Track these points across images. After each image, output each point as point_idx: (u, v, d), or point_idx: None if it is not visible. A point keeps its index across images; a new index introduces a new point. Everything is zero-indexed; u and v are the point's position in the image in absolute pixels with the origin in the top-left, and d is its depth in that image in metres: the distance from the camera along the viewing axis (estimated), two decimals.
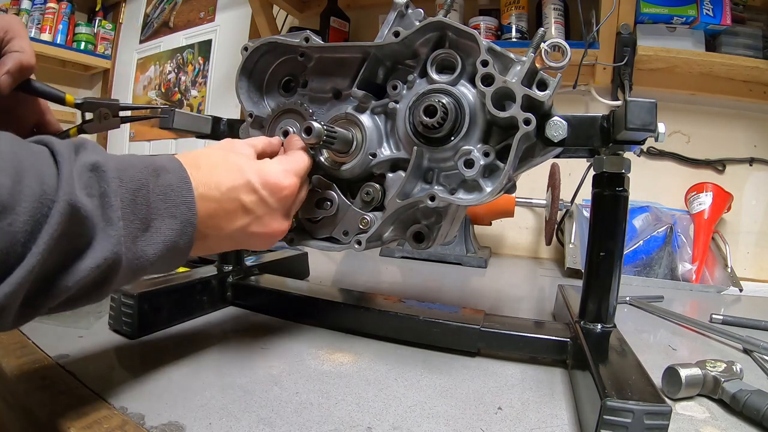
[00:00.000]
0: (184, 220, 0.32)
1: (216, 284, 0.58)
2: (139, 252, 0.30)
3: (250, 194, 0.37)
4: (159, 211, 0.31)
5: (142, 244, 0.30)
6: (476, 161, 0.41)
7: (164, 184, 0.32)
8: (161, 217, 0.31)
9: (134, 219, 0.29)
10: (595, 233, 0.44)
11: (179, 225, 0.32)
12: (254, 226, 0.38)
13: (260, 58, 0.51)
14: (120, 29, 2.13)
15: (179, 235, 0.32)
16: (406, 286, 0.85)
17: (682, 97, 1.14)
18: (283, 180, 0.39)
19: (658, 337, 0.60)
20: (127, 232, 0.29)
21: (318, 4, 1.45)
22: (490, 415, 0.36)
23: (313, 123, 0.40)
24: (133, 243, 0.30)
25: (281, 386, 0.39)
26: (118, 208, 0.28)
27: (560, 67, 0.38)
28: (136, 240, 0.30)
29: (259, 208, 0.38)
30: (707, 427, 0.36)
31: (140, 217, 0.30)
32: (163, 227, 0.31)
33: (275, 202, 0.38)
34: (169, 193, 0.32)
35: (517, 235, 1.30)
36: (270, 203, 0.38)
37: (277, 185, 0.38)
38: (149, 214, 0.30)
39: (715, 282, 0.95)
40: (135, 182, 0.30)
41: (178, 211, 0.32)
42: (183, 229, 0.32)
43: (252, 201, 0.37)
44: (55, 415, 0.32)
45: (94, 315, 0.53)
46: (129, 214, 0.29)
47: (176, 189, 0.32)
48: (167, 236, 0.31)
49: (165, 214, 0.31)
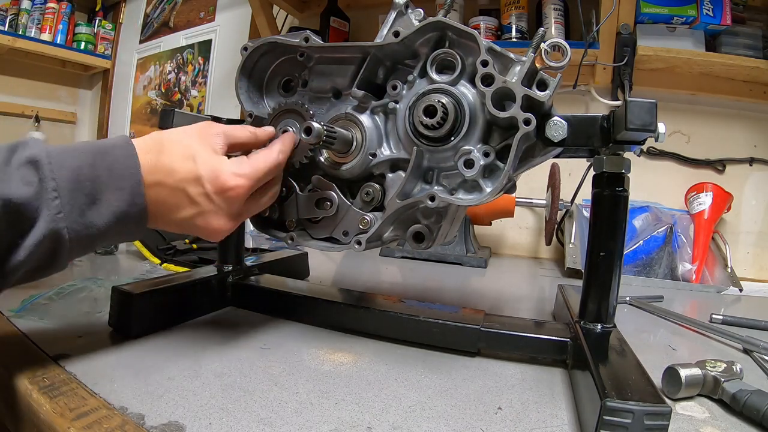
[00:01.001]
0: (132, 191, 0.36)
1: (216, 284, 0.58)
2: (87, 223, 0.34)
3: (197, 187, 0.38)
4: (106, 185, 0.35)
5: (91, 215, 0.34)
6: (476, 161, 0.41)
7: (110, 160, 0.35)
8: (109, 190, 0.35)
9: (78, 195, 0.34)
10: (595, 233, 0.44)
11: (127, 195, 0.36)
12: (198, 219, 0.39)
13: (260, 58, 0.51)
14: (120, 29, 2.13)
15: (128, 204, 0.36)
16: (406, 286, 0.85)
17: (682, 97, 1.14)
18: (230, 181, 0.39)
19: (658, 337, 0.60)
20: (71, 207, 0.33)
21: (318, 4, 1.45)
22: (490, 415, 0.36)
23: (312, 123, 0.40)
24: (80, 216, 0.34)
25: (281, 386, 0.39)
26: (53, 190, 0.32)
27: (560, 67, 0.38)
28: (83, 213, 0.34)
29: (205, 203, 0.39)
30: (707, 427, 0.36)
31: (85, 193, 0.34)
32: (111, 198, 0.35)
33: (220, 200, 0.39)
34: (115, 167, 0.35)
35: (517, 235, 1.30)
36: (214, 201, 0.39)
37: (223, 185, 0.39)
38: (95, 189, 0.34)
39: (715, 282, 0.95)
40: (75, 163, 0.34)
41: (125, 183, 0.36)
42: (132, 199, 0.36)
43: (198, 194, 0.39)
44: (54, 415, 0.32)
45: (94, 315, 0.53)
46: (71, 191, 0.33)
47: (122, 163, 0.36)
48: (116, 207, 0.35)
49: (112, 187, 0.35)
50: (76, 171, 0.34)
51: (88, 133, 2.24)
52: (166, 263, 0.82)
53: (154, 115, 1.96)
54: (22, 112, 1.96)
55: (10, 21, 1.81)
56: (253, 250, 0.94)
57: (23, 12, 1.83)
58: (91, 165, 0.35)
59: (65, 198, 0.33)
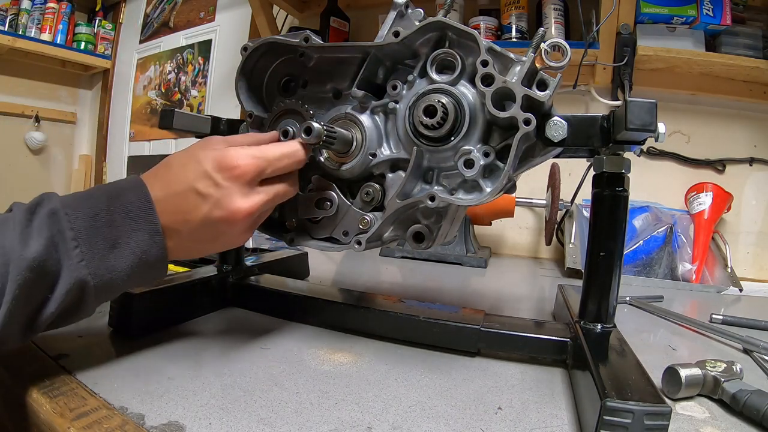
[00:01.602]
0: (150, 231, 0.37)
1: (216, 284, 0.58)
2: (110, 267, 0.35)
3: (204, 181, 0.38)
4: (123, 228, 0.36)
5: (113, 260, 0.35)
6: (476, 161, 0.41)
7: (125, 203, 0.36)
8: (127, 233, 0.36)
9: (97, 242, 0.35)
10: (595, 233, 0.44)
11: (146, 236, 0.36)
12: (215, 212, 0.38)
13: (260, 58, 0.51)
14: (120, 29, 2.14)
15: (149, 245, 0.37)
16: (406, 286, 0.85)
17: (682, 97, 1.14)
18: (235, 159, 0.38)
19: (658, 337, 0.60)
20: (92, 254, 0.34)
21: (318, 4, 1.45)
22: (490, 415, 0.36)
23: (312, 123, 0.40)
24: (102, 262, 0.35)
25: (281, 386, 0.39)
26: (72, 239, 0.34)
27: (560, 67, 0.38)
28: (105, 259, 0.35)
29: (215, 191, 0.38)
30: (707, 427, 0.36)
31: (103, 239, 0.35)
32: (130, 242, 0.36)
33: (227, 181, 0.38)
34: (130, 211, 0.36)
35: (517, 235, 1.30)
36: (223, 185, 0.38)
37: (229, 164, 0.38)
38: (114, 234, 0.35)
39: (715, 282, 0.95)
40: (91, 211, 0.35)
41: (143, 224, 0.36)
42: (151, 239, 0.37)
43: (206, 186, 0.38)
44: (54, 415, 0.33)
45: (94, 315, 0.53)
46: (90, 239, 0.34)
47: (136, 205, 0.36)
48: (136, 248, 0.36)
49: (130, 229, 0.36)
50: (92, 219, 0.35)
51: (88, 133, 2.25)
52: None
53: (154, 115, 1.96)
54: (22, 112, 1.96)
55: (10, 21, 1.81)
56: (253, 250, 0.94)
57: (23, 12, 1.84)
58: (107, 210, 0.35)
59: (85, 245, 0.34)
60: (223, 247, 0.43)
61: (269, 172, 0.41)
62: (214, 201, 0.38)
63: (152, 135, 1.96)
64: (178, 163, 0.39)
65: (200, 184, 0.38)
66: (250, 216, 0.40)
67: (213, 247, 0.41)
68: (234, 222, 0.39)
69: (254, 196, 0.40)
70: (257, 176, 0.40)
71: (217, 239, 0.40)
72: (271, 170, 0.41)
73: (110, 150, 2.14)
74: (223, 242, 0.41)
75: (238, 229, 0.40)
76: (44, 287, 0.33)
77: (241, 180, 0.39)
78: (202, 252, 0.42)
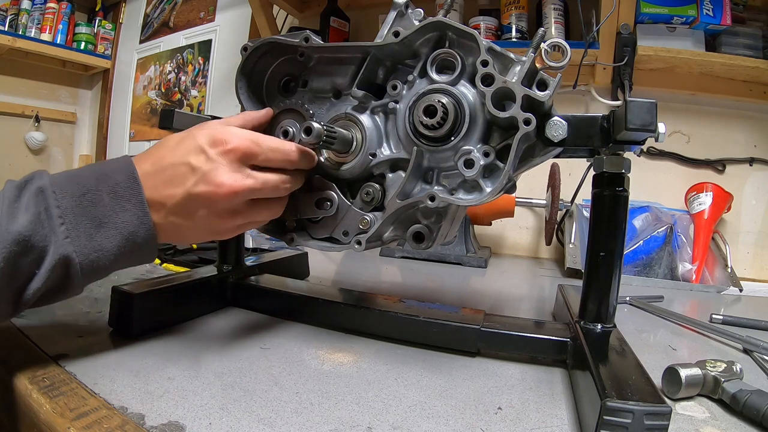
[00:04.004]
0: (137, 210, 0.37)
1: (216, 284, 0.58)
2: (97, 246, 0.36)
3: (197, 155, 0.38)
4: (110, 208, 0.36)
5: (99, 239, 0.36)
6: (476, 161, 0.41)
7: (112, 183, 0.37)
8: (114, 213, 0.36)
9: (83, 220, 0.35)
10: (595, 233, 0.44)
11: (133, 216, 0.37)
12: (200, 186, 0.38)
13: (260, 58, 0.51)
14: (120, 29, 2.14)
15: (135, 225, 0.37)
16: (406, 286, 0.85)
17: (682, 97, 1.14)
18: (230, 136, 0.39)
19: (658, 337, 0.60)
20: (78, 232, 0.35)
21: (318, 4, 1.45)
22: (490, 415, 0.36)
23: (312, 123, 0.40)
24: (89, 240, 0.35)
25: (281, 386, 0.39)
26: (58, 216, 0.34)
27: (560, 67, 0.38)
28: (91, 237, 0.36)
29: (204, 164, 0.38)
30: (707, 427, 0.36)
31: (90, 217, 0.35)
32: (117, 221, 0.36)
33: (218, 155, 0.39)
34: (117, 191, 0.37)
35: (517, 235, 1.30)
36: (213, 158, 0.38)
37: (221, 139, 0.39)
38: (100, 213, 0.36)
39: (715, 282, 0.95)
40: (78, 190, 0.36)
41: (129, 204, 0.37)
42: (138, 219, 0.37)
43: (197, 159, 0.38)
44: (54, 415, 0.32)
45: (94, 315, 0.53)
46: (76, 217, 0.35)
47: (123, 185, 0.37)
48: (123, 228, 0.37)
49: (117, 209, 0.36)
50: (79, 197, 0.35)
51: (88, 133, 2.25)
52: (166, 263, 0.82)
53: (154, 115, 1.96)
54: (22, 112, 1.96)
55: (10, 21, 1.81)
56: (253, 250, 0.94)
57: (23, 12, 1.84)
58: (95, 190, 0.36)
59: (71, 223, 0.35)
60: (206, 233, 0.42)
61: (261, 159, 0.41)
62: (201, 174, 0.38)
63: (152, 135, 1.96)
64: (175, 140, 0.40)
65: (192, 157, 0.38)
66: (234, 195, 0.39)
67: (195, 229, 0.40)
68: (216, 198, 0.39)
69: (241, 176, 0.40)
70: (248, 157, 0.40)
71: (198, 219, 0.40)
72: (263, 158, 0.41)
73: (110, 150, 2.14)
74: (205, 225, 0.40)
75: (219, 208, 0.40)
76: (30, 262, 0.34)
77: (231, 156, 0.39)
78: (190, 236, 0.41)
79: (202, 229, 0.41)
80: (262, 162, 0.41)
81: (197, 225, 0.40)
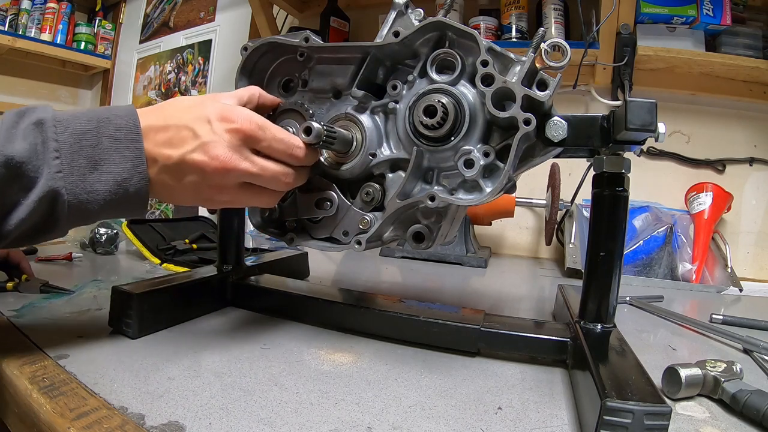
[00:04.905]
0: (134, 158, 0.37)
1: (216, 284, 0.58)
2: (88, 188, 0.36)
3: (203, 123, 0.39)
4: (108, 152, 0.36)
5: (92, 180, 0.36)
6: (476, 161, 0.41)
7: (114, 128, 0.37)
8: (110, 157, 0.36)
9: (79, 159, 0.35)
10: (595, 233, 0.44)
11: (129, 163, 0.37)
12: (196, 153, 0.38)
13: (260, 58, 0.51)
14: (120, 29, 2.13)
15: (130, 172, 0.37)
16: (406, 286, 0.85)
17: (682, 97, 1.14)
18: (239, 116, 0.39)
19: (658, 337, 0.60)
20: (71, 169, 0.35)
21: (318, 4, 1.45)
22: (490, 415, 0.36)
23: (312, 123, 0.40)
24: (81, 180, 0.35)
25: (281, 386, 0.39)
26: (54, 150, 0.34)
27: (560, 67, 0.38)
28: (84, 177, 0.35)
29: (206, 134, 0.39)
30: (707, 427, 0.36)
31: (86, 157, 0.35)
32: (112, 166, 0.36)
33: (222, 130, 0.39)
34: (118, 136, 0.37)
35: (517, 235, 1.30)
36: (217, 131, 0.39)
37: (230, 117, 0.39)
38: (97, 155, 0.36)
39: (715, 282, 0.95)
40: (79, 129, 0.35)
41: (127, 151, 0.37)
42: (134, 166, 0.37)
43: (201, 128, 0.39)
44: (54, 415, 0.32)
45: (94, 314, 0.53)
46: (72, 155, 0.35)
47: (125, 132, 0.37)
48: (117, 174, 0.36)
49: (114, 154, 0.36)
50: (79, 136, 0.35)
51: None
52: (166, 263, 0.82)
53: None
54: None
55: (10, 21, 1.81)
56: (253, 250, 0.94)
57: (23, 12, 1.83)
58: (95, 132, 0.36)
59: (66, 159, 0.34)
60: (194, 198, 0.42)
61: (263, 146, 0.41)
62: (201, 143, 0.38)
63: None
64: (186, 103, 0.40)
65: (197, 124, 0.39)
66: (226, 172, 0.39)
67: (184, 192, 0.41)
68: (208, 171, 0.39)
69: (238, 156, 0.40)
70: (251, 140, 0.40)
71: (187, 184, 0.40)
72: (266, 144, 0.41)
73: None
74: (194, 191, 0.41)
75: (210, 180, 0.40)
76: (18, 188, 0.34)
77: (234, 135, 0.39)
78: (177, 197, 0.41)
79: (190, 193, 0.41)
80: (264, 149, 0.41)
81: (186, 188, 0.40)
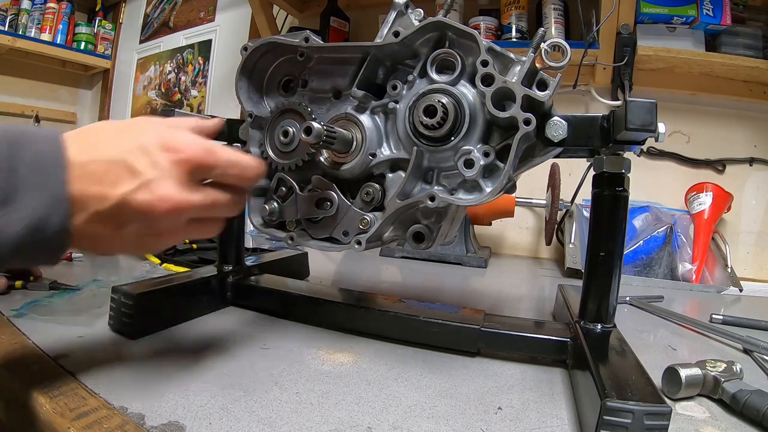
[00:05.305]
0: (55, 193, 0.29)
1: (216, 284, 0.58)
2: None
3: (141, 156, 0.32)
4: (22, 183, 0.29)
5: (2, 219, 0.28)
6: (476, 161, 0.41)
7: (31, 153, 0.29)
8: (26, 190, 0.29)
9: None
10: (595, 233, 0.44)
11: (47, 198, 0.29)
12: (139, 194, 0.31)
13: (260, 58, 0.51)
14: (120, 29, 2.13)
15: (48, 208, 0.29)
16: (406, 286, 0.85)
17: (682, 97, 1.14)
18: (185, 144, 0.33)
19: (658, 337, 0.60)
20: None
21: (318, 4, 1.45)
22: (490, 415, 0.36)
23: (312, 123, 0.40)
24: None
25: (281, 386, 0.39)
26: None
27: (560, 67, 0.38)
28: None
29: (148, 170, 0.32)
30: (707, 427, 0.36)
31: None
32: (26, 201, 0.29)
33: (167, 163, 0.32)
34: (35, 164, 0.29)
35: (517, 235, 1.30)
36: (161, 165, 0.32)
37: (175, 146, 0.33)
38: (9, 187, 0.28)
39: (715, 282, 0.95)
40: None
41: (47, 181, 0.29)
42: (53, 203, 0.29)
43: (141, 162, 0.32)
44: (54, 415, 0.32)
45: (94, 314, 0.53)
46: None
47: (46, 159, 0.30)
48: (31, 212, 0.29)
49: (30, 186, 0.29)
50: None
51: None
52: (166, 263, 0.82)
53: (154, 115, 1.96)
54: (22, 112, 1.96)
55: (10, 21, 1.81)
56: (253, 250, 0.94)
57: (23, 12, 1.83)
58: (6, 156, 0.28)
59: None
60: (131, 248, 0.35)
61: (216, 174, 0.36)
62: (143, 181, 0.32)
63: None
64: (115, 128, 0.34)
65: (134, 157, 0.32)
66: (177, 213, 0.33)
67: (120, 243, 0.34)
68: (157, 213, 0.32)
69: (190, 192, 0.34)
70: (201, 171, 0.35)
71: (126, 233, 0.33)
72: (219, 172, 0.36)
73: None
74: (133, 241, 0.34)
75: (158, 225, 0.33)
76: None
77: (182, 167, 0.33)
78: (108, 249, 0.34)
79: (130, 244, 0.34)
80: (217, 177, 0.36)
81: (123, 239, 0.33)
